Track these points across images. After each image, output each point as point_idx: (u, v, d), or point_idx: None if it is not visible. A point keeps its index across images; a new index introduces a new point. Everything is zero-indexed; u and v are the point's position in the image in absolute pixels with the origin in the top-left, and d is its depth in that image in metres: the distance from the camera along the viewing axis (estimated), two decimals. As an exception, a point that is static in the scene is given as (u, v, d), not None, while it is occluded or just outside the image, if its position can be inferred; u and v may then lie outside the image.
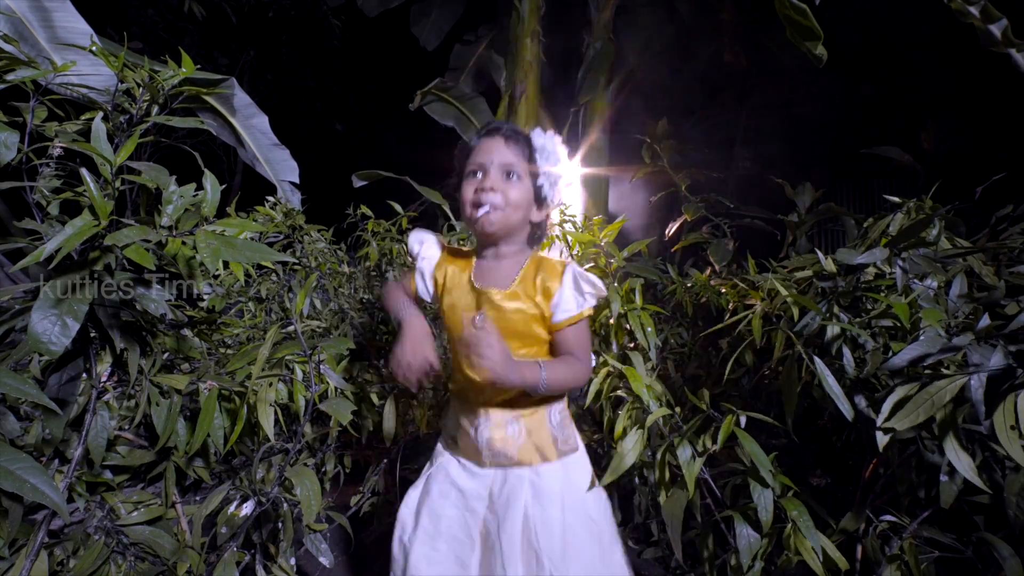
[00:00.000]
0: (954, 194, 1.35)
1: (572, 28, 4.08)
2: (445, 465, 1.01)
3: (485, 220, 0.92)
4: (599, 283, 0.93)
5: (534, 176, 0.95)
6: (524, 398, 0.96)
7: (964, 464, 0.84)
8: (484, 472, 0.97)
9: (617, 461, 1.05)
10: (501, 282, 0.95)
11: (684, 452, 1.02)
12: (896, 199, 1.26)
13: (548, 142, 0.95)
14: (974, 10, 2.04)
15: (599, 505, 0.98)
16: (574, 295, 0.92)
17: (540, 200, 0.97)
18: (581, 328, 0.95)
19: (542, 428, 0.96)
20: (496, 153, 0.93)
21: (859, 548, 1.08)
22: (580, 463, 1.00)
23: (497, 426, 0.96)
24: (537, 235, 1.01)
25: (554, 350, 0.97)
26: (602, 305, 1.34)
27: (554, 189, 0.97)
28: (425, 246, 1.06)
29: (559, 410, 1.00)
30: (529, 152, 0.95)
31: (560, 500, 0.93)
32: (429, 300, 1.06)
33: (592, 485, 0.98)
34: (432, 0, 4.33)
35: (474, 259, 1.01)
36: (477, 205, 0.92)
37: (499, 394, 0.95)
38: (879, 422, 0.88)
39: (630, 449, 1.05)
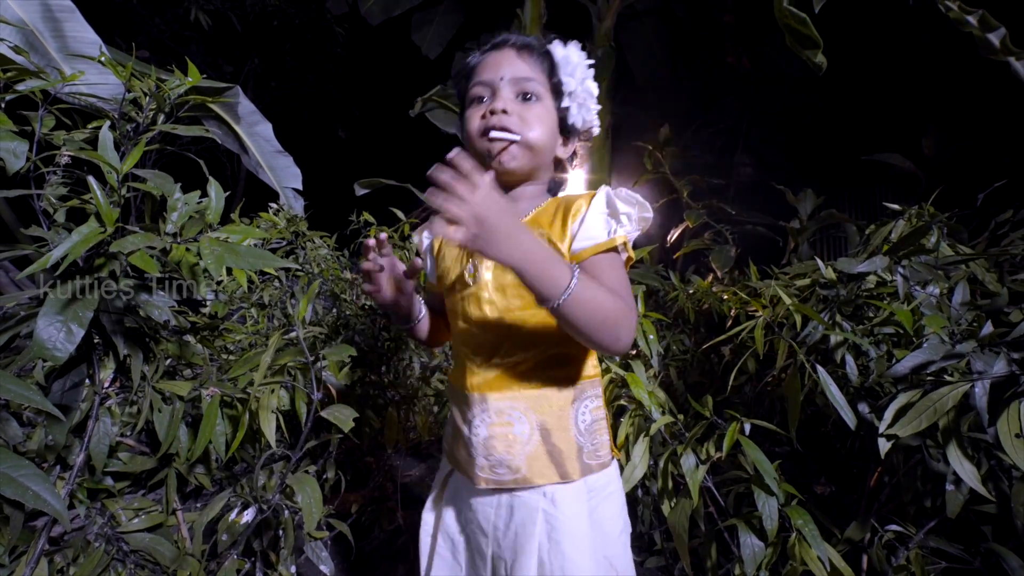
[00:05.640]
0: (956, 200, 1.35)
1: (574, 36, 4.11)
2: (454, 481, 0.83)
3: (504, 152, 0.70)
4: (645, 204, 0.69)
5: (557, 96, 0.75)
6: (541, 372, 0.69)
7: (968, 472, 0.83)
8: (484, 499, 0.72)
9: (628, 472, 1.04)
10: None
11: (688, 460, 1.01)
12: (896, 207, 1.26)
13: (572, 52, 0.75)
14: (972, 19, 2.05)
15: (626, 553, 0.73)
16: (604, 218, 0.68)
17: (566, 128, 0.76)
18: (614, 261, 0.68)
19: (564, 429, 0.69)
20: (507, 67, 0.72)
21: (865, 558, 1.07)
22: (611, 488, 0.74)
23: (499, 418, 0.68)
24: (559, 177, 0.81)
25: None
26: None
27: (583, 112, 0.77)
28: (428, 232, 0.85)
29: (592, 407, 0.72)
30: (549, 66, 0.74)
31: (587, 544, 0.67)
32: (433, 278, 0.87)
33: (620, 523, 0.73)
34: (434, 8, 4.38)
35: None
36: (487, 132, 0.71)
37: (502, 347, 0.69)
38: (881, 428, 0.88)
39: (639, 460, 1.04)
